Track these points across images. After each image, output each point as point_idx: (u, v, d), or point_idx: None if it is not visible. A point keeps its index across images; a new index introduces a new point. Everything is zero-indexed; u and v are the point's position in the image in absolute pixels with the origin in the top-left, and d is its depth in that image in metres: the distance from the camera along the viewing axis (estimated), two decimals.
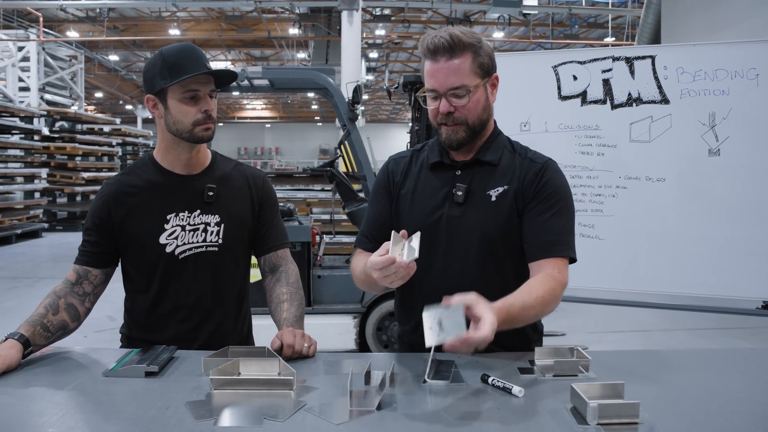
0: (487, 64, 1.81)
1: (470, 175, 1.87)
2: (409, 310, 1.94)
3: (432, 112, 1.84)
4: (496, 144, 1.91)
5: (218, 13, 19.13)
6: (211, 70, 1.95)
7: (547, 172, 1.85)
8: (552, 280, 1.73)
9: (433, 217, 1.86)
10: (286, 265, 2.14)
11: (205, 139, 1.99)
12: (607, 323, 6.57)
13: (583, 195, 3.80)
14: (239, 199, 2.10)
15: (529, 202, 1.83)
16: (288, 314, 1.99)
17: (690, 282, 3.63)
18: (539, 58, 3.95)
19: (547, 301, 1.68)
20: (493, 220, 1.83)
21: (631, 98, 3.67)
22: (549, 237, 1.79)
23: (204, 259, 2.03)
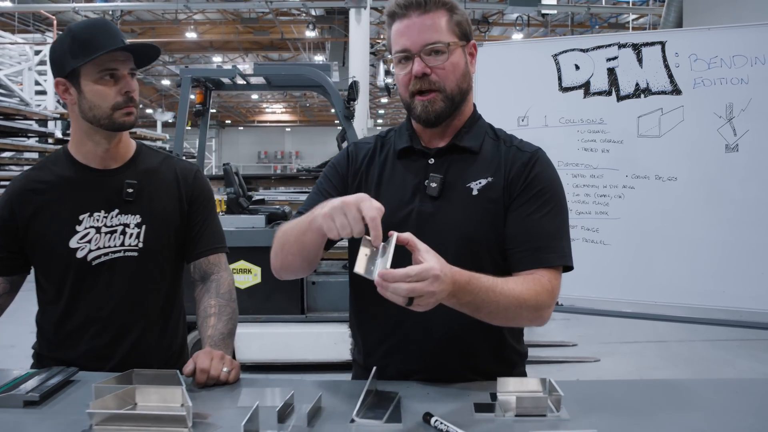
0: (465, 25, 1.58)
1: (446, 164, 1.59)
2: (368, 327, 1.65)
3: (403, 80, 1.56)
4: (476, 128, 1.64)
5: (234, 16, 19.04)
6: (130, 45, 1.69)
7: (537, 164, 1.57)
8: (540, 284, 1.44)
9: (401, 213, 1.57)
10: (219, 273, 1.86)
11: (127, 125, 1.72)
12: (621, 333, 6.25)
13: (586, 196, 3.48)
14: (165, 197, 1.83)
15: (515, 199, 1.54)
16: (214, 331, 1.71)
17: (706, 291, 3.30)
18: (538, 47, 3.63)
19: (527, 302, 1.40)
20: (474, 217, 1.54)
21: (638, 89, 3.34)
22: (540, 242, 1.51)
23: (121, 265, 1.77)
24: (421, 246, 1.26)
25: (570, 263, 1.54)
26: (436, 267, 1.21)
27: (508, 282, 1.40)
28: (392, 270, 1.19)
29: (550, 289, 1.46)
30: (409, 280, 1.19)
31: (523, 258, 1.52)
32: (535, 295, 1.42)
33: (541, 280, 1.46)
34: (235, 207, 5.78)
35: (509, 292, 1.38)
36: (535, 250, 1.51)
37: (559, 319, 6.70)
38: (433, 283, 1.20)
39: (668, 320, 3.56)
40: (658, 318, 3.58)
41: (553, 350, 5.87)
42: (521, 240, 1.53)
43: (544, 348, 5.88)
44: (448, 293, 1.26)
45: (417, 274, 1.19)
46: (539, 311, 1.44)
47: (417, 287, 1.19)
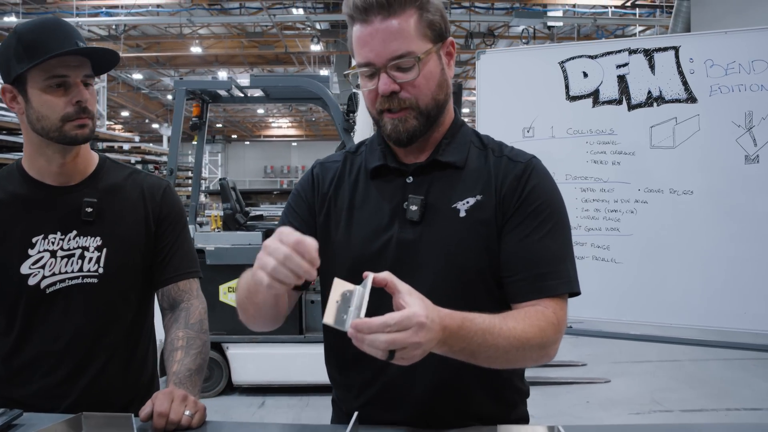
0: (439, 23, 1.34)
1: (427, 183, 1.38)
2: (347, 372, 1.45)
3: (369, 97, 1.35)
4: (459, 138, 1.43)
5: (239, 30, 18.97)
6: (83, 48, 1.51)
7: (532, 176, 1.36)
8: (544, 318, 1.24)
9: (378, 242, 1.37)
10: (189, 301, 1.67)
11: (80, 139, 1.54)
12: (632, 352, 6.05)
13: (596, 211, 3.28)
14: (129, 216, 1.65)
15: (510, 219, 1.33)
16: (179, 367, 1.52)
17: (726, 313, 3.08)
18: (543, 53, 3.45)
19: (530, 342, 1.20)
20: (463, 242, 1.33)
21: (651, 97, 3.14)
22: (541, 268, 1.31)
23: (79, 293, 1.59)
24: (402, 287, 1.07)
25: (577, 289, 1.34)
26: (421, 313, 1.03)
27: (508, 320, 1.21)
28: (367, 319, 1.01)
29: (555, 323, 1.26)
30: (388, 331, 1.00)
31: (522, 287, 1.32)
32: (539, 333, 1.22)
33: (545, 312, 1.27)
34: (231, 223, 5.61)
35: (509, 332, 1.18)
36: (535, 278, 1.31)
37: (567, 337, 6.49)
38: (418, 333, 1.02)
39: (684, 343, 3.35)
40: (672, 341, 3.38)
41: (561, 370, 5.66)
42: (519, 266, 1.32)
43: (551, 368, 5.67)
44: (438, 341, 1.07)
45: (397, 322, 1.01)
46: (545, 349, 1.25)
47: (398, 338, 1.01)
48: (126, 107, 27.45)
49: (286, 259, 1.05)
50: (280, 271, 1.05)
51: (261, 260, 1.07)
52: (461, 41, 17.49)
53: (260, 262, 1.07)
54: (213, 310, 4.86)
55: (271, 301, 1.27)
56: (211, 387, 4.99)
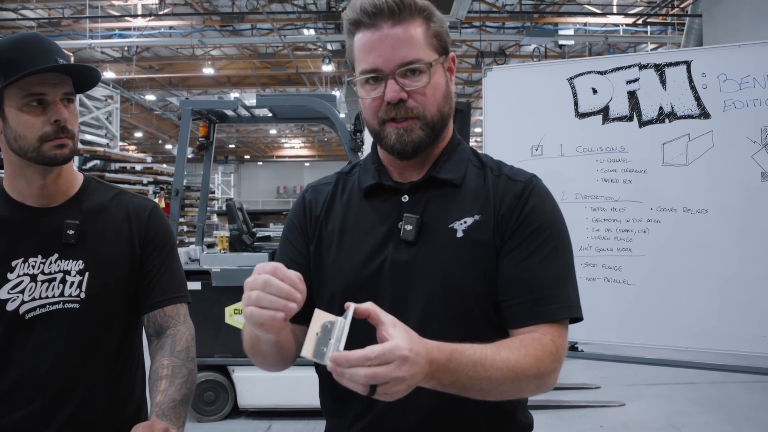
0: (444, 36, 1.32)
1: (423, 202, 1.32)
2: (338, 403, 1.36)
3: (371, 106, 1.29)
4: (457, 156, 1.37)
5: (251, 51, 19.09)
6: (60, 65, 1.45)
7: (532, 196, 1.30)
8: (541, 346, 1.16)
9: (372, 265, 1.30)
10: (176, 327, 1.59)
11: (59, 159, 1.48)
12: (647, 375, 5.90)
13: (607, 231, 3.18)
14: (113, 239, 1.58)
15: (508, 240, 1.26)
16: (163, 397, 1.44)
17: (744, 336, 2.97)
18: (551, 69, 3.38)
19: (526, 373, 1.12)
20: (460, 264, 1.26)
21: (662, 113, 3.06)
22: (539, 292, 1.24)
23: (60, 318, 1.51)
24: (385, 318, 1.01)
25: (578, 314, 1.26)
26: (404, 346, 0.97)
27: (501, 350, 1.13)
28: (347, 352, 0.96)
29: (554, 351, 1.19)
30: (368, 364, 0.95)
31: (519, 312, 1.24)
32: (535, 363, 1.14)
33: (543, 340, 1.19)
34: (238, 244, 5.56)
35: (503, 363, 1.11)
36: (534, 302, 1.23)
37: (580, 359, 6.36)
38: (401, 367, 0.96)
39: (701, 368, 3.23)
40: (688, 365, 3.26)
41: (574, 393, 5.54)
42: (517, 290, 1.25)
43: (565, 391, 5.54)
44: (425, 375, 1.00)
45: (378, 355, 0.95)
46: (542, 379, 1.17)
47: (379, 372, 0.95)
48: (139, 128, 27.66)
49: (265, 285, 1.03)
50: (263, 299, 1.02)
51: (244, 297, 1.05)
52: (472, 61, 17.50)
53: (244, 299, 1.05)
54: (219, 333, 4.82)
55: (274, 349, 1.24)
56: (217, 410, 4.91)
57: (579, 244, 3.21)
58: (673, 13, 13.81)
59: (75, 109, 1.51)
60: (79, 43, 15.07)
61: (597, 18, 14.87)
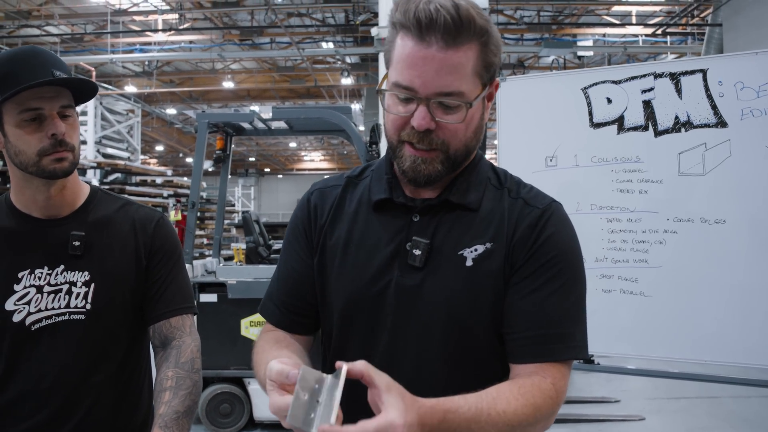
0: (495, 66, 1.20)
1: (434, 223, 1.25)
2: None
3: (395, 122, 1.20)
4: (476, 176, 1.28)
5: (270, 65, 19.23)
6: (54, 78, 1.45)
7: (549, 224, 1.23)
8: (540, 393, 1.11)
9: (376, 285, 1.24)
10: (181, 338, 1.58)
11: (59, 173, 1.47)
12: (668, 389, 5.80)
13: (623, 242, 3.14)
14: (119, 250, 1.58)
15: (519, 269, 1.20)
16: (166, 409, 1.43)
17: (764, 348, 2.89)
18: (565, 80, 3.35)
19: (523, 423, 1.07)
20: (467, 294, 1.20)
21: (678, 122, 3.01)
22: (545, 328, 1.18)
23: (65, 330, 1.51)
24: (380, 381, 0.94)
25: (584, 356, 1.21)
26: (399, 423, 0.90)
27: (498, 403, 1.06)
28: (338, 427, 0.89)
29: (554, 397, 1.13)
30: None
31: (522, 348, 1.19)
32: (533, 412, 1.09)
33: (543, 385, 1.13)
34: (254, 256, 5.56)
35: (499, 418, 1.05)
36: (538, 339, 1.18)
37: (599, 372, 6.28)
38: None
39: (720, 381, 3.16)
40: (708, 379, 3.19)
41: (593, 407, 5.45)
42: (522, 324, 1.19)
43: (583, 405, 5.47)
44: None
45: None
46: (540, 425, 1.12)
47: None
48: (160, 142, 27.93)
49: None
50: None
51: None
52: None
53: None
54: (234, 345, 4.81)
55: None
56: (232, 423, 4.90)
57: (594, 255, 3.17)
58: (693, 23, 13.70)
59: (75, 122, 1.51)
60: (101, 58, 15.29)
61: (616, 29, 14.80)
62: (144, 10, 14.39)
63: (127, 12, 14.26)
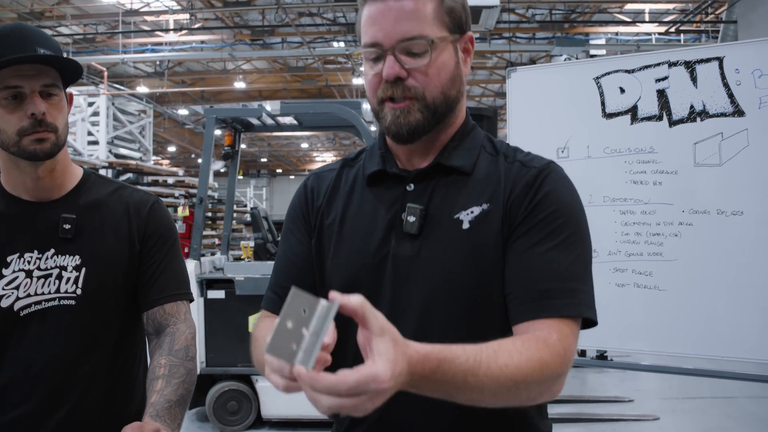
0: (460, 13, 1.21)
1: (428, 191, 1.22)
2: None
3: (371, 83, 1.20)
4: (468, 142, 1.27)
5: (281, 65, 19.23)
6: (36, 55, 1.39)
7: (547, 182, 1.19)
8: (547, 348, 1.03)
9: (372, 259, 1.21)
10: (176, 325, 1.53)
11: (40, 154, 1.42)
12: (682, 388, 5.71)
13: (637, 235, 3.05)
14: (111, 234, 1.52)
15: (516, 228, 1.16)
16: (158, 398, 1.37)
17: None
18: (577, 69, 3.27)
19: (527, 380, 0.98)
20: (466, 258, 1.16)
21: (694, 112, 2.93)
22: (546, 283, 1.11)
23: (55, 316, 1.46)
24: (373, 324, 0.83)
25: (592, 316, 1.13)
26: (383, 377, 0.80)
27: (500, 356, 0.97)
28: (314, 376, 0.79)
29: (561, 353, 1.05)
30: (336, 395, 0.79)
31: (521, 305, 1.12)
32: (539, 368, 1.00)
33: (549, 340, 1.05)
34: (262, 253, 5.52)
35: (499, 371, 0.96)
36: (539, 295, 1.11)
37: (612, 371, 6.19)
38: (373, 400, 0.81)
39: (737, 378, 3.07)
40: (725, 376, 3.10)
41: (606, 407, 5.38)
42: (520, 281, 1.13)
43: (595, 404, 5.38)
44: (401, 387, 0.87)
45: (350, 389, 0.79)
46: (546, 385, 1.03)
47: (346, 405, 0.80)
48: (172, 142, 28.02)
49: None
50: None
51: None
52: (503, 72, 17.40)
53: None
54: (242, 342, 4.76)
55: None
56: (240, 421, 4.85)
57: (608, 248, 3.09)
58: (708, 20, 13.55)
59: (60, 102, 1.46)
60: (113, 58, 15.33)
61: (629, 27, 14.67)
62: (155, 10, 14.41)
63: (139, 12, 14.28)
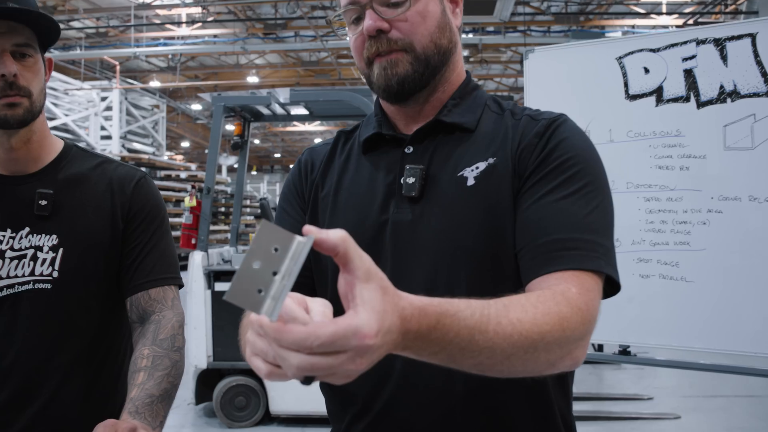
0: None
1: (429, 151, 1.11)
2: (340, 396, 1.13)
3: (356, 46, 1.12)
4: (471, 100, 1.15)
5: (294, 59, 19.14)
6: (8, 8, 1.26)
7: (559, 131, 1.06)
8: (566, 301, 0.87)
9: (369, 229, 1.10)
10: (162, 312, 1.39)
11: (11, 120, 1.29)
12: (704, 385, 5.53)
13: (662, 223, 2.89)
14: (93, 212, 1.39)
15: (527, 179, 1.03)
16: (139, 392, 1.23)
17: None
18: (599, 49, 3.10)
19: (545, 338, 0.81)
20: (473, 218, 1.03)
21: (724, 92, 2.76)
22: (561, 232, 0.96)
23: (29, 300, 1.33)
24: (358, 266, 0.66)
25: (615, 275, 0.97)
26: (367, 331, 0.63)
27: (511, 309, 0.81)
28: (279, 326, 0.62)
29: (582, 308, 0.88)
30: (308, 352, 0.62)
31: (533, 260, 0.97)
32: (558, 323, 0.83)
33: (567, 293, 0.89)
34: None
35: (512, 327, 0.79)
36: (552, 246, 0.96)
37: (631, 368, 6.01)
38: (354, 360, 0.63)
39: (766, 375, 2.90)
40: (752, 373, 2.93)
41: (624, 404, 5.20)
42: (532, 233, 0.99)
43: (613, 402, 5.22)
44: (392, 348, 0.70)
45: (325, 343, 0.61)
46: (566, 348, 0.86)
47: (320, 365, 0.62)
48: (185, 137, 28.01)
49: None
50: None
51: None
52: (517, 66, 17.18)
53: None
54: None
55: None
56: (248, 416, 4.73)
57: (631, 237, 2.93)
58: (728, 11, 13.27)
59: (35, 65, 1.33)
60: (125, 52, 15.28)
61: (645, 20, 14.41)
62: (167, 4, 14.33)
63: (151, 6, 14.21)
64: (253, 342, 0.69)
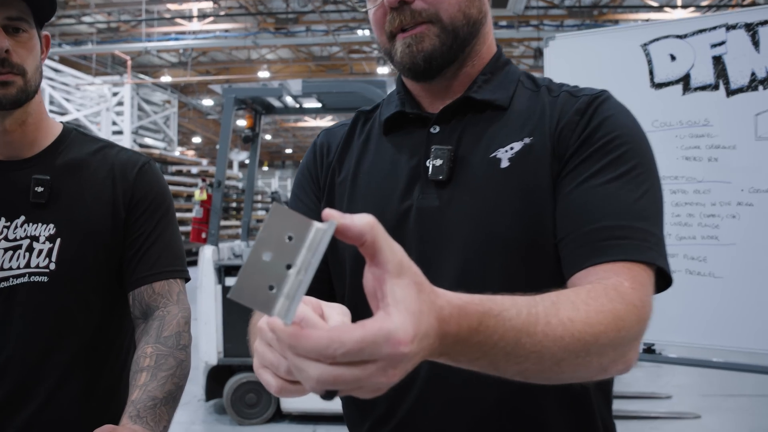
0: None
1: (457, 131, 1.01)
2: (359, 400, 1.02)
3: (376, 19, 1.01)
4: (503, 75, 1.05)
5: (306, 54, 19.08)
6: None
7: (604, 107, 0.97)
8: (617, 296, 0.77)
9: (391, 219, 0.99)
10: (166, 307, 1.30)
11: (3, 100, 1.22)
12: (724, 384, 5.41)
13: (689, 216, 2.78)
14: (92, 199, 1.30)
15: (568, 160, 0.93)
16: (141, 394, 1.14)
17: None
18: (623, 35, 2.98)
19: (601, 338, 0.71)
20: (508, 205, 0.94)
21: (755, 79, 2.64)
22: (609, 220, 0.86)
23: (24, 294, 1.25)
24: (389, 258, 0.56)
25: (666, 266, 0.87)
26: (404, 336, 0.53)
27: (561, 307, 0.71)
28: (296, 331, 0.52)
29: (637, 305, 0.78)
30: (330, 362, 0.52)
31: (579, 249, 0.87)
32: (614, 323, 0.73)
33: (620, 288, 0.79)
34: None
35: (564, 328, 0.69)
36: (600, 234, 0.86)
37: (648, 365, 5.89)
38: (386, 371, 0.53)
39: None
40: None
41: (642, 403, 5.09)
42: (576, 220, 0.89)
43: (631, 400, 5.10)
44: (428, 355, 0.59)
45: (351, 351, 0.51)
46: (621, 349, 0.76)
47: (345, 377, 0.52)
48: (197, 133, 28.01)
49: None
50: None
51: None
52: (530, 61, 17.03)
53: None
54: None
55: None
56: (259, 414, 4.66)
57: None
58: (746, 3, 13.07)
59: (30, 41, 1.24)
60: (136, 46, 15.27)
61: (660, 13, 14.21)
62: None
63: (162, 1, 14.17)
64: (262, 353, 0.60)
